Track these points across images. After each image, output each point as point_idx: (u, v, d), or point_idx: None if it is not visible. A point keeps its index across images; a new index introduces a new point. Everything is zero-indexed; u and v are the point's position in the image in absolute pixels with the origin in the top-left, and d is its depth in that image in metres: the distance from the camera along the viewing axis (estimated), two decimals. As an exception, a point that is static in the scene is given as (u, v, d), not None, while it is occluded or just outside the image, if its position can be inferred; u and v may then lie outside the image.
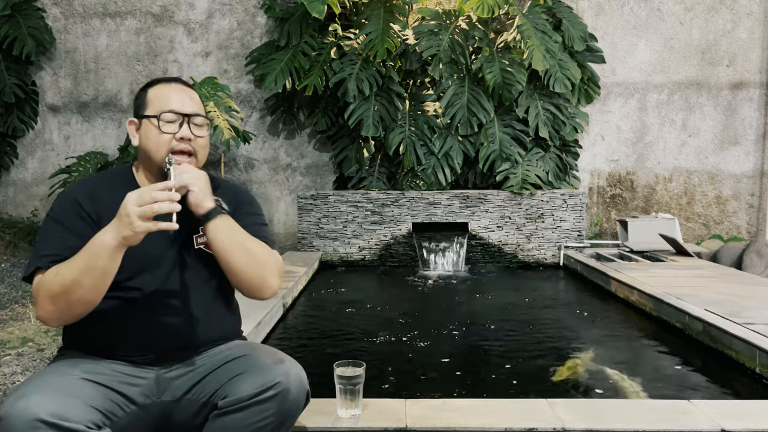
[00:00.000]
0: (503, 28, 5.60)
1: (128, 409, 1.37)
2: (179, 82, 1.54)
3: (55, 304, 1.30)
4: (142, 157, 1.50)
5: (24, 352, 2.89)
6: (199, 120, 1.49)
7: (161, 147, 1.45)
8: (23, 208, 6.19)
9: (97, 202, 1.44)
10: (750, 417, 1.77)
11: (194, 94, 1.53)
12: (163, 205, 1.22)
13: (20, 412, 1.16)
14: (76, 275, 1.27)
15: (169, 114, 1.45)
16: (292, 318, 3.51)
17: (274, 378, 1.33)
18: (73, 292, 1.28)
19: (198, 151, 1.49)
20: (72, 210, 1.42)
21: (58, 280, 1.29)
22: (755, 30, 5.87)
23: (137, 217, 1.22)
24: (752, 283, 3.73)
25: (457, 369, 2.60)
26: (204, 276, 1.50)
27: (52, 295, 1.29)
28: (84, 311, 1.33)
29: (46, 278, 1.32)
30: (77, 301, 1.30)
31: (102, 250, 1.26)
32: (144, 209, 1.22)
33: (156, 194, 1.23)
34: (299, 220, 5.35)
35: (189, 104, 1.49)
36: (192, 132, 1.47)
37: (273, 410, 1.32)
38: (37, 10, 5.87)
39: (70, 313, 1.32)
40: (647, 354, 2.86)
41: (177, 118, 1.46)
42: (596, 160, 6.04)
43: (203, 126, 1.51)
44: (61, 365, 1.37)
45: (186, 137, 1.46)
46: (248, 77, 6.01)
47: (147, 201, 1.22)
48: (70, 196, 1.46)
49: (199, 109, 1.52)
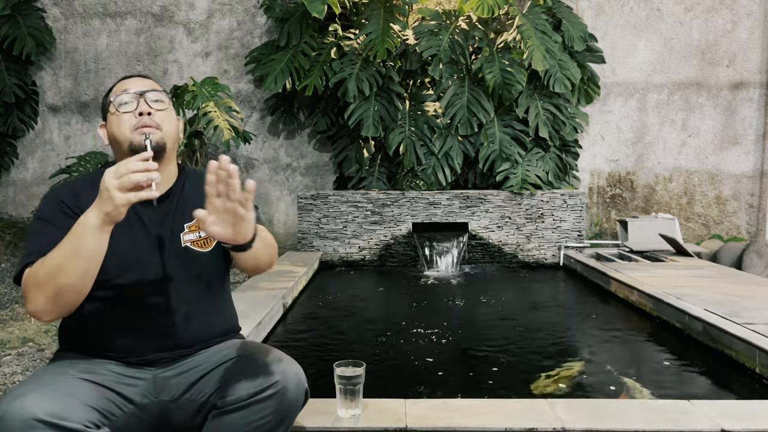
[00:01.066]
0: (503, 28, 5.60)
1: (126, 408, 1.36)
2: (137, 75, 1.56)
3: (44, 294, 1.27)
4: (115, 149, 1.50)
5: (24, 352, 2.89)
6: (156, 95, 1.49)
7: (123, 127, 1.44)
8: (23, 208, 6.19)
9: (79, 198, 1.45)
10: (750, 417, 1.77)
11: (150, 80, 1.54)
12: (140, 174, 1.20)
13: (17, 412, 1.15)
14: (62, 261, 1.24)
15: (122, 96, 1.46)
16: (292, 318, 3.51)
17: (273, 377, 1.33)
18: (61, 278, 1.25)
19: (161, 124, 1.47)
20: (56, 208, 1.43)
21: (45, 269, 1.27)
22: (755, 30, 5.87)
23: (116, 190, 1.19)
24: (752, 283, 3.73)
25: (457, 369, 2.60)
26: (194, 273, 1.49)
27: (40, 284, 1.27)
28: (74, 301, 1.30)
29: (33, 270, 1.30)
30: (66, 289, 1.26)
31: (86, 231, 1.23)
32: (122, 181, 1.19)
33: (132, 165, 1.20)
34: (299, 220, 5.35)
35: (142, 83, 1.50)
36: (150, 106, 1.46)
37: (271, 409, 1.32)
38: (37, 10, 5.87)
39: (59, 302, 1.28)
40: (647, 354, 2.86)
41: (132, 98, 1.46)
42: (596, 160, 6.04)
43: (161, 101, 1.49)
44: (58, 365, 1.36)
45: (144, 111, 1.45)
46: (248, 77, 6.01)
47: (123, 172, 1.20)
48: (53, 195, 1.47)
49: (157, 89, 1.52)
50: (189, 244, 1.49)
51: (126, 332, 1.42)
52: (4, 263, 5.20)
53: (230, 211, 1.22)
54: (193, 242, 1.49)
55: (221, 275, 1.58)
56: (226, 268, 1.60)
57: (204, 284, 1.51)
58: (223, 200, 1.21)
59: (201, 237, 1.51)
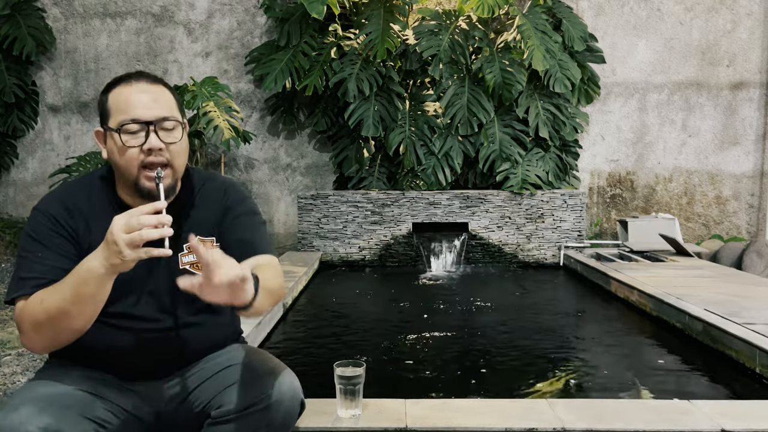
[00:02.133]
0: (503, 28, 5.60)
1: (122, 416, 1.34)
2: (142, 78, 1.35)
3: (41, 334, 1.23)
4: (116, 171, 1.37)
5: (24, 352, 2.89)
6: (169, 124, 1.32)
7: (129, 164, 1.30)
8: (23, 208, 6.19)
9: (74, 216, 1.35)
10: (750, 417, 1.77)
11: (162, 90, 1.35)
12: (153, 231, 1.11)
13: (13, 425, 1.13)
14: (63, 304, 1.19)
15: (130, 125, 1.28)
16: (292, 318, 3.51)
17: (266, 390, 1.31)
18: (60, 321, 1.21)
19: (173, 159, 1.32)
20: (48, 226, 1.33)
21: (44, 309, 1.21)
22: (755, 30, 5.87)
23: (126, 246, 1.11)
24: (752, 283, 3.73)
25: (457, 369, 2.60)
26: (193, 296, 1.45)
27: (38, 324, 1.22)
28: (71, 339, 1.27)
29: (30, 306, 1.24)
30: (64, 330, 1.23)
31: (90, 278, 1.17)
32: (132, 237, 1.10)
33: (144, 219, 1.11)
34: (299, 220, 5.35)
35: (154, 107, 1.31)
36: (161, 139, 1.30)
37: (266, 422, 1.31)
38: (37, 10, 5.86)
39: (56, 340, 1.26)
40: (647, 354, 2.86)
41: (141, 128, 1.29)
42: (596, 160, 6.04)
43: (175, 129, 1.33)
44: (51, 375, 1.33)
45: (155, 147, 1.29)
46: (248, 77, 6.01)
47: (135, 227, 1.11)
48: (44, 210, 1.36)
49: (168, 109, 1.33)
50: (188, 267, 1.42)
51: (120, 347, 1.38)
52: (4, 263, 5.20)
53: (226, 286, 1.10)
54: (192, 264, 1.42)
55: None
56: None
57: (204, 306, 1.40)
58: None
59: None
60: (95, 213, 1.37)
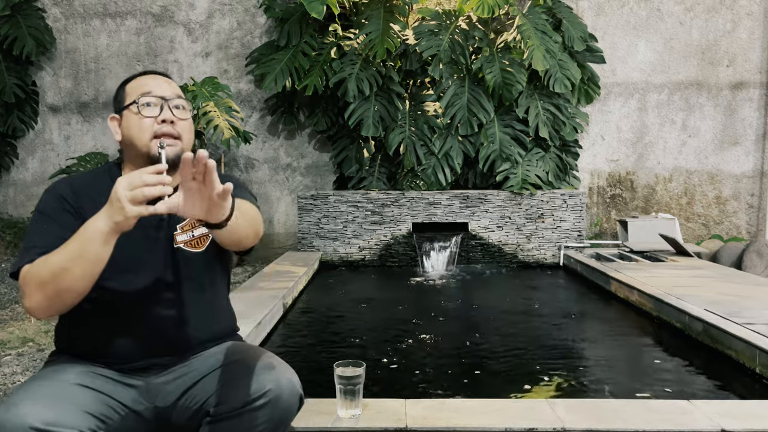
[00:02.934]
0: (503, 28, 5.60)
1: (123, 412, 1.35)
2: (155, 72, 1.53)
3: (44, 292, 1.27)
4: (127, 149, 1.47)
5: (24, 352, 2.89)
6: (179, 102, 1.47)
7: (144, 132, 1.42)
8: (23, 208, 6.19)
9: (80, 197, 1.43)
10: (750, 417, 1.77)
11: (171, 81, 1.51)
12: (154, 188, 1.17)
13: (13, 420, 1.14)
14: (67, 262, 1.24)
15: (147, 97, 1.43)
16: (292, 318, 3.51)
17: (265, 385, 1.32)
18: (63, 280, 1.25)
19: (182, 134, 1.45)
20: (58, 204, 1.42)
21: (48, 268, 1.25)
22: (755, 30, 5.87)
23: (128, 201, 1.17)
24: (752, 283, 3.73)
25: (457, 369, 2.60)
26: (187, 275, 1.47)
27: (42, 283, 1.26)
28: (72, 301, 1.30)
29: (34, 267, 1.29)
30: (67, 290, 1.26)
31: (94, 236, 1.22)
32: (135, 193, 1.17)
33: (146, 177, 1.17)
34: (299, 220, 5.35)
35: (167, 88, 1.47)
36: (173, 114, 1.44)
37: (265, 417, 1.31)
38: (37, 10, 5.87)
39: (58, 302, 1.29)
40: (647, 354, 2.86)
41: (156, 101, 1.43)
42: (596, 160, 6.04)
43: (184, 109, 1.48)
44: (52, 371, 1.35)
45: (168, 119, 1.43)
46: (248, 77, 6.02)
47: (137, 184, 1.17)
48: (55, 190, 1.45)
49: (180, 94, 1.50)
50: (182, 245, 1.47)
51: (119, 336, 1.40)
52: (4, 263, 5.20)
53: (205, 198, 1.17)
54: (185, 243, 1.47)
55: (217, 277, 1.56)
56: (224, 268, 1.58)
57: (198, 286, 1.48)
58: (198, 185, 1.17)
59: (194, 237, 1.49)
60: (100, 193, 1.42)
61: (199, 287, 1.49)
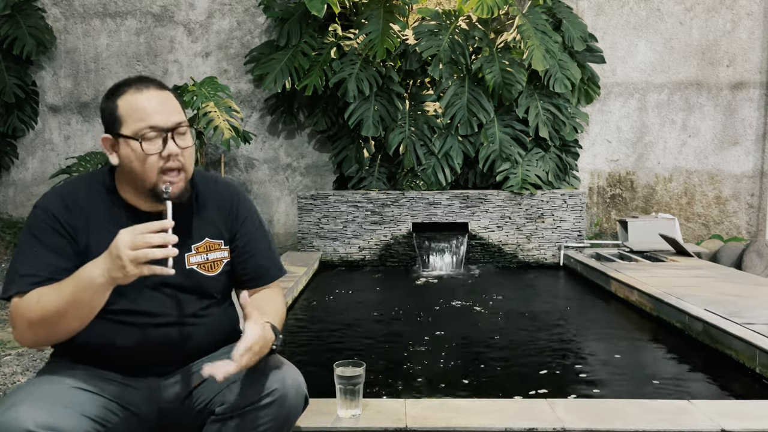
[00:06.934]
0: (503, 28, 5.60)
1: (123, 414, 1.34)
2: (150, 84, 1.37)
3: (34, 332, 1.25)
4: (127, 177, 1.37)
5: (24, 352, 2.89)
6: (183, 129, 1.35)
7: (149, 170, 1.31)
8: (23, 208, 6.18)
9: (73, 214, 1.36)
10: (750, 417, 1.77)
11: (169, 96, 1.38)
12: (157, 251, 1.14)
13: (10, 423, 1.13)
14: (60, 306, 1.21)
15: (149, 132, 1.31)
16: (291, 318, 3.50)
17: (271, 385, 1.32)
18: (55, 324, 1.23)
19: (186, 163, 1.36)
20: (48, 223, 1.34)
21: (40, 309, 1.22)
22: (755, 30, 5.87)
23: (129, 262, 1.14)
24: (752, 283, 3.73)
25: (457, 369, 2.60)
26: (196, 293, 1.45)
27: (32, 323, 1.24)
28: (65, 337, 1.28)
29: (25, 303, 1.25)
30: (58, 331, 1.25)
31: (89, 286, 1.19)
32: (137, 254, 1.13)
33: (150, 239, 1.14)
34: (299, 220, 5.35)
35: (169, 113, 1.34)
36: (178, 145, 1.33)
37: (271, 417, 1.31)
38: (37, 10, 5.86)
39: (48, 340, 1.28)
40: (647, 354, 2.86)
41: (158, 135, 1.31)
42: (596, 160, 6.04)
43: (187, 133, 1.37)
44: (51, 373, 1.34)
45: (174, 153, 1.32)
46: (248, 77, 6.01)
47: (140, 245, 1.13)
48: (44, 207, 1.37)
49: (179, 114, 1.37)
50: (195, 267, 1.43)
51: (122, 342, 1.38)
52: (4, 263, 5.21)
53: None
54: (199, 265, 1.43)
55: (225, 292, 1.54)
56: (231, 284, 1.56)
57: (206, 303, 1.46)
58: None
59: (208, 260, 1.45)
60: (94, 212, 1.39)
61: (207, 305, 1.47)
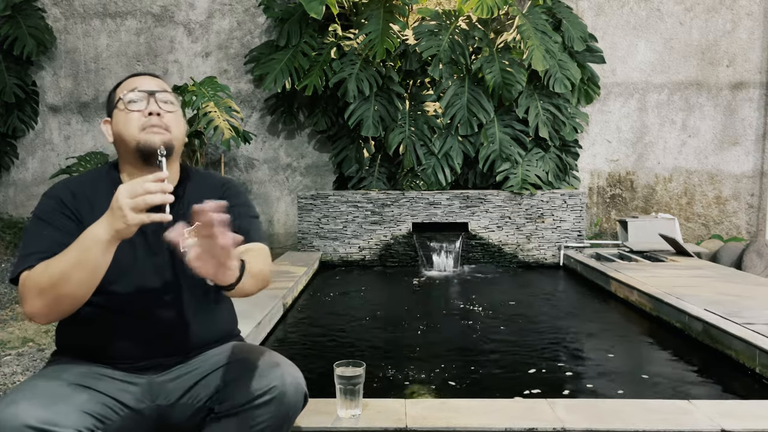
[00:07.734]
0: (503, 28, 5.60)
1: (122, 412, 1.35)
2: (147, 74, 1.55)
3: (44, 299, 1.27)
4: (120, 147, 1.48)
5: (24, 352, 2.89)
6: (166, 96, 1.47)
7: (131, 125, 1.43)
8: (23, 208, 6.19)
9: (79, 200, 1.43)
10: (750, 417, 1.77)
11: (160, 80, 1.53)
12: (155, 197, 1.18)
13: (9, 419, 1.14)
14: (67, 269, 1.24)
15: (133, 93, 1.44)
16: (292, 318, 3.51)
17: (270, 382, 1.32)
18: (62, 287, 1.25)
19: (171, 126, 1.45)
20: (56, 208, 1.41)
21: (47, 274, 1.26)
22: (755, 30, 5.87)
23: (129, 210, 1.18)
24: (752, 283, 3.73)
25: (457, 369, 2.60)
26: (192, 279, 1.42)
27: (41, 290, 1.26)
28: (72, 307, 1.30)
29: (34, 273, 1.29)
30: (66, 296, 1.26)
31: (94, 244, 1.22)
32: (136, 201, 1.18)
33: (148, 186, 1.19)
34: (299, 220, 5.35)
35: (153, 83, 1.48)
36: (160, 107, 1.45)
37: (270, 414, 1.32)
38: (37, 10, 5.87)
39: (58, 308, 1.29)
40: (647, 354, 2.86)
41: (142, 96, 1.44)
42: (596, 160, 6.04)
43: (172, 103, 1.49)
44: (52, 371, 1.35)
45: (154, 111, 1.43)
46: (248, 77, 6.02)
47: (139, 192, 1.18)
48: (53, 194, 1.45)
49: (165, 88, 1.51)
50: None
51: (122, 337, 1.40)
52: (4, 263, 5.21)
53: (214, 255, 1.15)
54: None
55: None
56: None
57: (202, 290, 1.47)
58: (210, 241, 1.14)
59: None
60: (98, 195, 1.43)
61: (203, 292, 1.48)
